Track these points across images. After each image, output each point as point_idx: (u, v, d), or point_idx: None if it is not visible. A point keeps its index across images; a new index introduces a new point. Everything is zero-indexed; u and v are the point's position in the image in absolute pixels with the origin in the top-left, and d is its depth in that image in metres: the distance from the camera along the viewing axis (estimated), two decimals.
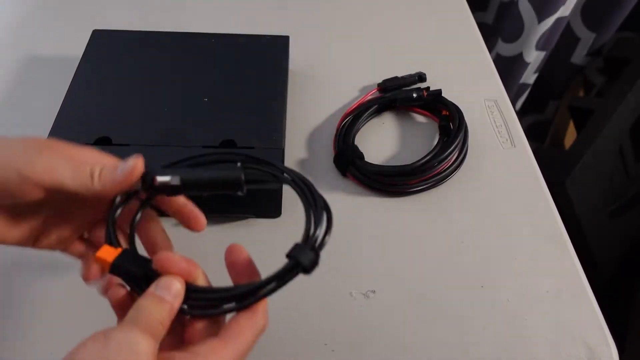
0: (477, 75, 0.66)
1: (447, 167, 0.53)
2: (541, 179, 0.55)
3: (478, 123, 0.59)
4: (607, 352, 0.42)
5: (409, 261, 0.48)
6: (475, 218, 0.51)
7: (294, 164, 0.54)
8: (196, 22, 0.70)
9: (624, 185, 0.96)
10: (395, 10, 0.75)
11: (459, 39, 0.71)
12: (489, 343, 0.43)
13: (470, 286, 0.46)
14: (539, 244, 0.49)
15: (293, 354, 0.42)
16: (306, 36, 0.68)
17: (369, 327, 0.43)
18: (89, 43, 0.58)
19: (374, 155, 0.55)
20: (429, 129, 0.59)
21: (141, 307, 0.27)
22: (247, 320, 0.27)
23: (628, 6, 0.92)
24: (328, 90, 0.62)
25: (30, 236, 0.33)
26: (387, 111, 0.60)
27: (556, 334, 0.43)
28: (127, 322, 0.26)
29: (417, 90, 0.59)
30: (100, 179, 0.30)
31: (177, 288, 0.28)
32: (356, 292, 0.45)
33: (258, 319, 0.28)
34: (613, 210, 0.93)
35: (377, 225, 0.50)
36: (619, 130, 0.92)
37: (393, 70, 0.63)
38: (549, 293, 0.46)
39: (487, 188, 0.53)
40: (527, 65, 1.00)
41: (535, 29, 0.92)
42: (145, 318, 0.26)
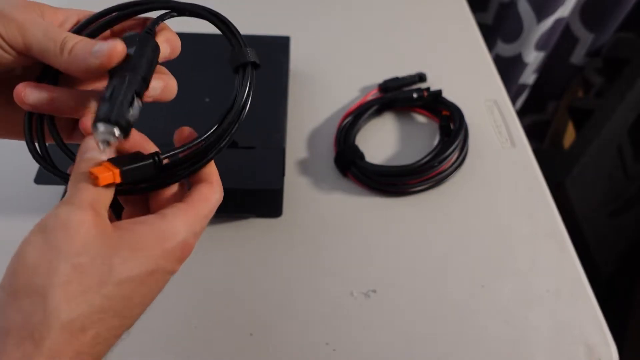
0: (477, 75, 0.66)
1: (447, 167, 0.53)
2: (541, 178, 0.55)
3: (478, 123, 0.59)
4: (607, 352, 0.43)
5: (410, 261, 0.48)
6: (475, 218, 0.51)
7: (294, 163, 0.54)
8: (197, 23, 0.70)
9: (623, 185, 0.96)
10: (395, 10, 0.75)
11: (459, 39, 0.71)
12: (489, 343, 0.43)
13: (470, 286, 0.46)
14: (539, 244, 0.49)
15: (295, 353, 0.42)
16: (307, 37, 0.68)
17: (369, 326, 0.44)
18: None
19: (375, 155, 0.55)
20: (429, 129, 0.59)
21: (71, 179, 0.26)
22: (208, 188, 0.29)
23: (627, 6, 0.92)
24: (329, 90, 0.62)
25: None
26: (388, 111, 0.61)
27: (556, 333, 0.43)
28: (61, 202, 0.25)
29: (418, 90, 0.59)
30: (70, 52, 0.27)
31: (88, 144, 0.27)
32: (357, 292, 0.45)
33: (216, 187, 0.29)
34: (612, 210, 0.94)
35: (377, 225, 0.50)
36: (618, 131, 0.92)
37: (393, 70, 0.63)
38: (549, 293, 0.46)
39: (487, 188, 0.54)
40: (526, 65, 1.00)
41: (534, 29, 0.92)
42: (71, 186, 0.25)
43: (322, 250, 0.48)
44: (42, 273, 0.22)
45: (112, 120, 0.25)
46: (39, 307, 0.22)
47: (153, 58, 0.30)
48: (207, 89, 0.53)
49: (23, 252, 0.23)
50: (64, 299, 0.22)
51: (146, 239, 0.25)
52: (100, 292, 0.23)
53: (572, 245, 0.50)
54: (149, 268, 0.25)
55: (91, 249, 0.23)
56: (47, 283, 0.22)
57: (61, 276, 0.22)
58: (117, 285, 0.24)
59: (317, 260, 0.47)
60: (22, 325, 0.22)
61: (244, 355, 0.41)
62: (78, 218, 0.24)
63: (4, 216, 0.48)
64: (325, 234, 0.49)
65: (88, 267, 0.23)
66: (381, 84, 0.62)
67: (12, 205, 0.49)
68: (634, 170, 0.96)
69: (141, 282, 0.25)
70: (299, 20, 0.72)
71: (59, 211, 0.24)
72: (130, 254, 0.24)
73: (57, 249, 0.23)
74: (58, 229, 0.23)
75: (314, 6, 0.75)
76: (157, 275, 0.26)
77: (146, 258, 0.25)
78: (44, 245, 0.23)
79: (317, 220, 0.50)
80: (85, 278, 0.23)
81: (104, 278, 0.23)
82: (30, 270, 0.22)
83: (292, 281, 0.46)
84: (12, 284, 0.23)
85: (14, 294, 0.22)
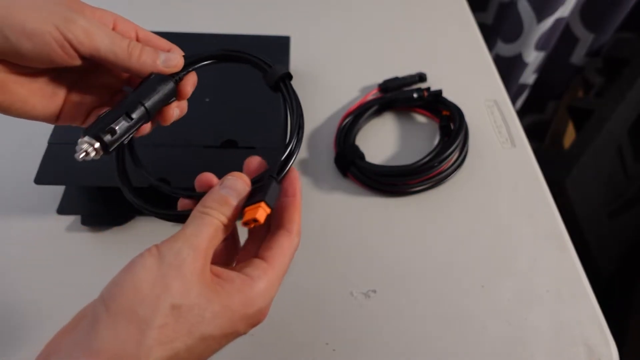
0: (477, 75, 0.66)
1: (447, 167, 0.53)
2: (541, 178, 0.55)
3: (478, 123, 0.59)
4: (607, 352, 0.43)
5: (410, 261, 0.48)
6: (476, 218, 0.51)
7: (295, 163, 0.54)
8: (197, 23, 0.70)
9: (623, 185, 0.96)
10: (395, 10, 0.75)
11: (459, 39, 0.71)
12: (489, 343, 0.43)
13: (470, 286, 0.46)
14: (538, 244, 0.49)
15: (294, 353, 0.42)
16: (307, 37, 0.68)
17: (369, 326, 0.43)
18: None
19: (375, 155, 0.55)
20: (429, 129, 0.59)
21: (193, 217, 0.27)
22: (286, 239, 0.29)
23: (627, 6, 0.92)
24: (329, 90, 0.62)
25: (55, 109, 0.32)
26: (388, 111, 0.61)
27: (556, 333, 0.43)
28: (178, 234, 0.26)
29: (418, 90, 0.59)
30: (139, 59, 0.31)
31: (242, 186, 0.29)
32: (357, 292, 0.45)
33: (294, 236, 0.29)
34: (612, 210, 0.94)
35: (377, 225, 0.50)
36: (618, 131, 0.92)
37: (393, 70, 0.63)
38: (549, 293, 0.46)
39: (487, 188, 0.54)
40: (526, 65, 1.00)
41: (534, 29, 0.92)
42: (196, 217, 0.27)
43: (322, 250, 0.48)
44: (148, 306, 0.23)
45: (91, 135, 0.28)
46: (133, 340, 0.22)
47: (164, 97, 0.32)
48: (206, 88, 0.53)
49: (137, 274, 0.24)
50: (158, 341, 0.22)
51: (234, 301, 0.25)
52: (185, 343, 0.23)
53: (572, 245, 0.50)
54: (228, 330, 0.25)
55: (192, 295, 0.24)
56: (149, 319, 0.23)
57: (162, 317, 0.23)
58: (200, 339, 0.24)
59: (317, 260, 0.47)
60: (114, 352, 0.22)
61: (244, 355, 0.41)
62: (192, 264, 0.24)
63: (4, 216, 0.48)
64: (325, 233, 0.49)
65: (185, 313, 0.23)
66: (381, 84, 0.62)
67: (12, 205, 0.49)
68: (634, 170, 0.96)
69: (218, 341, 0.25)
70: (299, 20, 0.72)
71: (181, 249, 0.25)
72: (220, 311, 0.25)
73: (167, 287, 0.23)
74: (173, 267, 0.24)
75: (314, 6, 0.75)
76: (230, 337, 0.26)
77: (230, 320, 0.25)
78: (158, 278, 0.23)
79: (317, 220, 0.50)
80: (178, 325, 0.23)
81: (193, 329, 0.24)
82: (139, 297, 0.23)
83: (292, 281, 0.46)
84: (115, 301, 0.23)
85: (114, 314, 0.23)
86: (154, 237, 0.49)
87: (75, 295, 0.42)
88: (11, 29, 0.27)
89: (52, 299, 0.43)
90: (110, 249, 0.47)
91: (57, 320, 0.42)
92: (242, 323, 0.26)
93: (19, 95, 0.30)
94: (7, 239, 0.47)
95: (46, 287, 0.44)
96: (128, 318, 0.22)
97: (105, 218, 0.48)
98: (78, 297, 0.25)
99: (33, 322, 0.42)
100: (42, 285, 0.44)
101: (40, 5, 0.28)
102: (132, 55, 0.30)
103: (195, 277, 0.24)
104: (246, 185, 0.29)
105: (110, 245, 0.47)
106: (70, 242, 0.47)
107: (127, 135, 0.30)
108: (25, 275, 0.45)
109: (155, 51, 0.32)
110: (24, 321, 0.42)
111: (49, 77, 0.31)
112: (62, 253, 0.46)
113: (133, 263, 0.24)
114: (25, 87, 0.30)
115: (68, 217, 0.48)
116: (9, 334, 0.41)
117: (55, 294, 0.44)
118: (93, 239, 0.47)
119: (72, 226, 0.48)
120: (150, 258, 0.24)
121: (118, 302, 0.23)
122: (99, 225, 0.48)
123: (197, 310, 0.24)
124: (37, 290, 0.44)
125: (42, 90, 0.31)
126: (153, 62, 0.31)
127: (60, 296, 0.43)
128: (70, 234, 0.47)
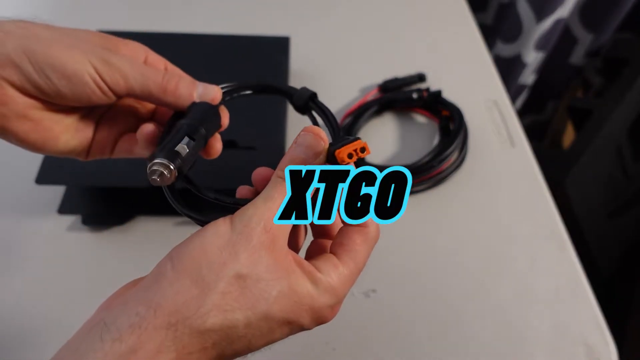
0: (477, 75, 0.66)
1: (447, 167, 0.53)
2: (541, 178, 0.55)
3: (478, 123, 0.59)
4: (606, 351, 0.43)
5: (410, 261, 0.48)
6: (475, 218, 0.51)
7: None
8: (197, 23, 0.70)
9: (623, 185, 0.96)
10: (395, 10, 0.75)
11: (459, 39, 0.71)
12: (488, 343, 0.43)
13: (470, 286, 0.46)
14: (539, 244, 0.49)
15: (294, 352, 0.42)
16: (307, 37, 0.68)
17: (369, 325, 0.44)
18: None
19: (375, 155, 0.55)
20: (429, 129, 0.59)
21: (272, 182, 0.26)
22: (358, 234, 0.27)
23: (626, 7, 0.92)
24: (329, 90, 0.62)
25: (87, 143, 0.32)
26: (388, 111, 0.61)
27: (556, 333, 0.43)
28: (253, 201, 0.25)
29: (417, 90, 0.59)
30: (175, 92, 0.30)
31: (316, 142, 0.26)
32: (357, 292, 0.45)
33: (370, 230, 0.27)
34: (612, 210, 0.94)
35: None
36: (618, 131, 0.92)
37: (393, 70, 0.63)
38: (549, 293, 0.46)
39: (487, 188, 0.54)
40: (525, 65, 1.00)
41: (534, 29, 0.92)
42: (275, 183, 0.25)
43: None
44: (213, 270, 0.22)
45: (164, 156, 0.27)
46: (194, 300, 0.22)
47: (215, 125, 0.32)
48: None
49: (207, 238, 0.23)
50: (217, 307, 0.22)
51: (303, 288, 0.24)
52: (246, 316, 0.23)
53: (572, 246, 0.50)
54: (292, 317, 0.24)
55: (260, 268, 0.23)
56: (213, 282, 0.22)
57: (225, 284, 0.22)
58: (262, 317, 0.23)
59: None
60: (174, 308, 0.22)
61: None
62: (261, 235, 0.24)
63: (5, 216, 0.48)
64: None
65: (250, 285, 0.23)
66: (381, 84, 0.62)
67: (13, 205, 0.49)
68: (634, 170, 0.96)
69: (280, 327, 0.24)
70: (299, 20, 0.72)
71: (251, 217, 0.24)
72: (288, 292, 0.24)
73: (235, 255, 0.23)
74: (243, 236, 0.23)
75: (314, 6, 0.75)
76: (293, 327, 0.25)
77: (297, 305, 0.24)
78: (227, 244, 0.23)
79: None
80: (242, 296, 0.23)
81: (257, 304, 0.23)
82: (206, 260, 0.23)
83: None
84: (182, 260, 0.23)
85: (179, 272, 0.22)
86: (154, 237, 0.49)
87: (76, 295, 0.42)
88: (53, 69, 0.27)
89: (53, 299, 0.43)
90: (110, 249, 0.47)
91: (57, 320, 0.42)
92: (308, 315, 0.25)
93: (53, 132, 0.30)
94: (7, 239, 0.47)
95: (46, 286, 0.44)
96: (192, 278, 0.22)
97: (106, 218, 0.48)
98: (79, 296, 0.25)
99: (33, 322, 0.42)
100: (42, 285, 0.44)
101: (78, 45, 0.28)
102: (167, 90, 0.30)
103: (264, 249, 0.23)
104: (321, 140, 0.26)
105: (110, 245, 0.47)
106: (70, 242, 0.47)
107: (193, 157, 0.29)
108: (25, 274, 0.45)
109: (193, 83, 0.31)
110: (24, 321, 0.42)
111: (82, 112, 0.32)
112: (63, 253, 0.46)
113: (205, 228, 0.24)
114: (59, 124, 0.30)
115: (69, 217, 0.48)
116: (9, 334, 0.41)
117: (56, 293, 0.44)
118: (93, 239, 0.47)
119: (72, 226, 0.48)
120: (223, 225, 0.24)
121: (185, 262, 0.23)
122: (99, 225, 0.48)
123: (264, 285, 0.23)
124: (37, 289, 0.44)
125: (74, 125, 0.31)
126: (190, 96, 0.31)
127: (61, 295, 0.44)
128: (70, 234, 0.47)
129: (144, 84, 0.29)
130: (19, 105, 0.28)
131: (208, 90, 0.32)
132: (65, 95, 0.28)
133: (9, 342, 0.41)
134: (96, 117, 0.33)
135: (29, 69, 0.27)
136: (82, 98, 0.28)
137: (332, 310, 0.26)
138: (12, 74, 0.27)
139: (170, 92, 0.30)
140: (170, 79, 0.30)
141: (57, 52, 0.27)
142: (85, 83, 0.28)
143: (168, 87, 0.30)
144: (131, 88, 0.29)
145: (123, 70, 0.29)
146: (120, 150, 0.34)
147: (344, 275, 0.26)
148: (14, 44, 0.27)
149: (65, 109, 0.30)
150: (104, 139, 0.33)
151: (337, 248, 0.27)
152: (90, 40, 0.29)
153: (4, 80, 0.27)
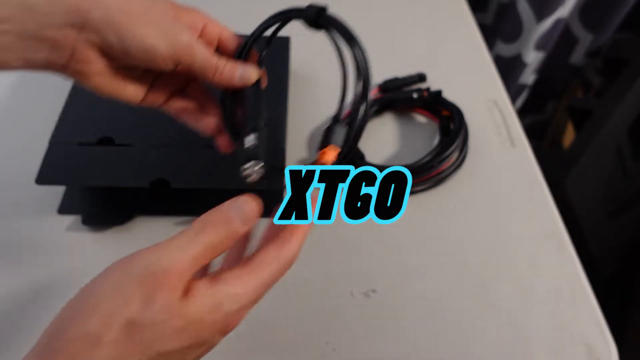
0: (477, 75, 0.66)
1: (447, 167, 0.53)
2: (541, 178, 0.55)
3: (478, 123, 0.59)
4: (607, 351, 0.43)
5: (410, 261, 0.48)
6: (475, 218, 0.51)
7: (294, 163, 0.54)
8: None
9: (623, 185, 0.96)
10: (395, 10, 0.75)
11: (459, 39, 0.71)
12: (489, 343, 0.43)
13: (470, 286, 0.46)
14: (539, 244, 0.49)
15: (294, 352, 0.42)
16: (307, 37, 0.68)
17: (369, 326, 0.44)
18: None
19: (375, 155, 0.55)
20: (429, 129, 0.59)
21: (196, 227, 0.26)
22: (275, 249, 0.27)
23: (626, 6, 0.92)
24: (329, 90, 0.62)
25: (141, 94, 0.37)
26: (388, 111, 0.61)
27: (556, 333, 0.43)
28: (162, 244, 0.26)
29: (418, 90, 0.59)
30: (221, 77, 0.37)
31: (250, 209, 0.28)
32: (357, 292, 0.45)
33: (286, 250, 0.27)
34: (612, 210, 0.94)
35: (377, 224, 0.50)
36: (618, 131, 0.92)
37: (393, 70, 0.63)
38: (549, 293, 0.46)
39: (487, 188, 0.54)
40: (526, 65, 1.00)
41: (534, 29, 0.92)
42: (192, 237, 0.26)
43: (322, 249, 0.48)
44: (100, 320, 0.23)
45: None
46: (86, 352, 0.22)
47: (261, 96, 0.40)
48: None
49: (97, 285, 0.25)
50: (110, 357, 0.22)
51: (202, 309, 0.24)
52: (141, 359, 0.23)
53: (572, 246, 0.50)
54: (194, 341, 0.24)
55: (153, 310, 0.23)
56: (100, 334, 0.22)
57: (114, 332, 0.22)
58: (157, 355, 0.23)
59: (317, 259, 0.47)
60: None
61: (244, 355, 0.41)
62: (162, 277, 0.24)
63: (5, 216, 0.48)
64: (326, 233, 0.49)
65: (140, 329, 0.23)
66: (381, 84, 0.62)
67: (13, 205, 0.49)
68: (634, 170, 0.96)
69: (182, 356, 0.24)
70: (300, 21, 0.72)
71: (157, 261, 0.24)
72: (183, 326, 0.24)
73: (126, 301, 0.23)
74: (137, 279, 0.24)
75: None
76: (198, 349, 0.25)
77: (196, 332, 0.24)
78: (120, 290, 0.23)
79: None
80: (131, 342, 0.23)
81: (150, 345, 0.23)
82: (96, 310, 0.23)
83: (292, 281, 0.46)
84: (75, 313, 0.24)
85: (72, 327, 0.23)
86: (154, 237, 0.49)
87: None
88: (132, 42, 0.32)
89: (53, 299, 0.43)
90: (111, 249, 0.47)
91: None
92: (209, 331, 0.25)
93: (121, 85, 0.35)
94: (7, 239, 0.47)
95: (46, 286, 0.44)
96: (84, 331, 0.23)
97: (106, 218, 0.48)
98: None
99: (33, 322, 0.42)
100: (42, 285, 0.44)
101: (155, 19, 0.33)
102: (215, 73, 0.36)
103: (163, 292, 0.23)
104: (256, 209, 0.27)
105: (111, 245, 0.47)
106: (70, 242, 0.47)
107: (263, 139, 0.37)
108: (25, 274, 0.45)
109: (234, 68, 0.37)
110: (24, 321, 0.42)
111: (144, 71, 0.36)
112: (62, 253, 0.46)
113: (99, 275, 0.25)
114: (126, 79, 0.35)
115: (68, 217, 0.48)
116: (9, 334, 0.41)
117: (56, 293, 0.44)
118: (93, 239, 0.47)
119: (72, 226, 0.48)
120: (116, 269, 0.25)
121: (77, 312, 0.24)
122: (99, 225, 0.48)
123: (157, 326, 0.23)
124: (37, 289, 0.44)
125: (137, 80, 0.36)
126: (231, 80, 0.37)
127: (61, 296, 0.43)
128: (70, 234, 0.47)
129: (202, 65, 0.35)
130: (99, 65, 0.33)
131: (247, 72, 0.38)
132: (138, 62, 0.33)
133: (9, 342, 0.41)
134: (154, 74, 0.38)
135: (112, 39, 0.31)
136: (151, 65, 0.34)
137: (235, 317, 0.26)
138: (97, 40, 0.31)
139: (218, 76, 0.36)
140: (218, 64, 0.36)
141: (138, 28, 0.32)
142: (158, 56, 0.33)
143: (217, 70, 0.36)
144: (191, 66, 0.35)
145: (191, 51, 0.34)
146: (170, 107, 0.40)
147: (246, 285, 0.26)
148: (101, 13, 0.31)
149: (133, 67, 0.35)
150: (158, 90, 0.38)
151: (253, 256, 0.27)
152: (165, 11, 0.34)
153: (90, 44, 0.31)
